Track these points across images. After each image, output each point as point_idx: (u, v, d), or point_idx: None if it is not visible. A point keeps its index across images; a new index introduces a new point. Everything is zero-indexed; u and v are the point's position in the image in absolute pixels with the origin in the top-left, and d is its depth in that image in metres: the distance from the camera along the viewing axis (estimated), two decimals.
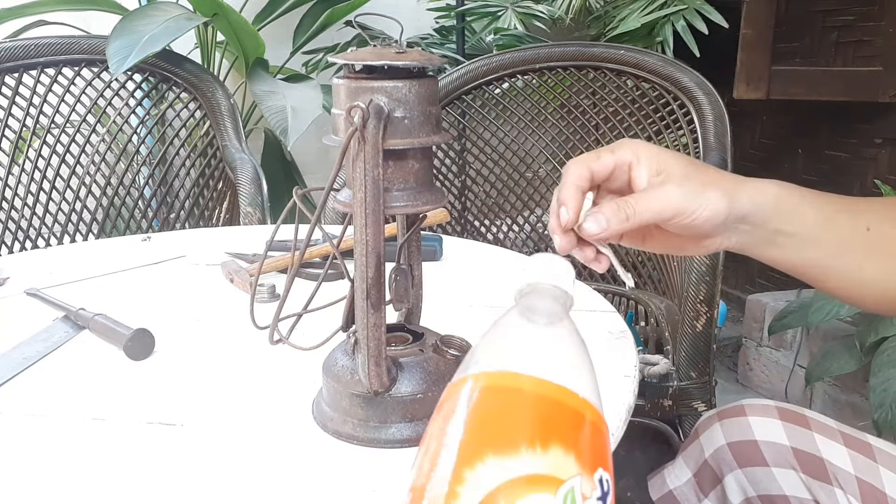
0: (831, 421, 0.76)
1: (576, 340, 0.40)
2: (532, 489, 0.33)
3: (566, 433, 0.35)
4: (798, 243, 0.56)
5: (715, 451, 0.78)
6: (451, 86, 1.54)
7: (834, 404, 1.92)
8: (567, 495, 0.33)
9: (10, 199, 1.41)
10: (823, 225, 0.56)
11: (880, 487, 0.69)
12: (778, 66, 2.07)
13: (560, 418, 0.36)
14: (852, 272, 0.58)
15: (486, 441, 0.35)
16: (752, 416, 0.77)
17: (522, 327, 0.41)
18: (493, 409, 0.36)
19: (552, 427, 0.35)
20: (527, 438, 0.34)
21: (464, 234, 1.62)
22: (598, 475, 0.35)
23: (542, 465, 0.33)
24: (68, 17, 1.90)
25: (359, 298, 0.52)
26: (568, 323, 0.41)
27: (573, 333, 0.40)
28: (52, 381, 0.64)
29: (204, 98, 1.49)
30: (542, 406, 0.36)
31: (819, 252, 0.57)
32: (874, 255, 0.57)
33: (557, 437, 0.35)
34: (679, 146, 1.38)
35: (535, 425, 0.35)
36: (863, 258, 0.57)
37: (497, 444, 0.34)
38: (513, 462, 0.33)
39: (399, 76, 0.50)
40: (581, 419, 0.36)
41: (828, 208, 0.56)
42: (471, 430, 0.35)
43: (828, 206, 0.57)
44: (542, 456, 0.34)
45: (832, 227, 0.56)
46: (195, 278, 0.92)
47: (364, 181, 0.49)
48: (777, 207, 0.54)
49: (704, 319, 1.16)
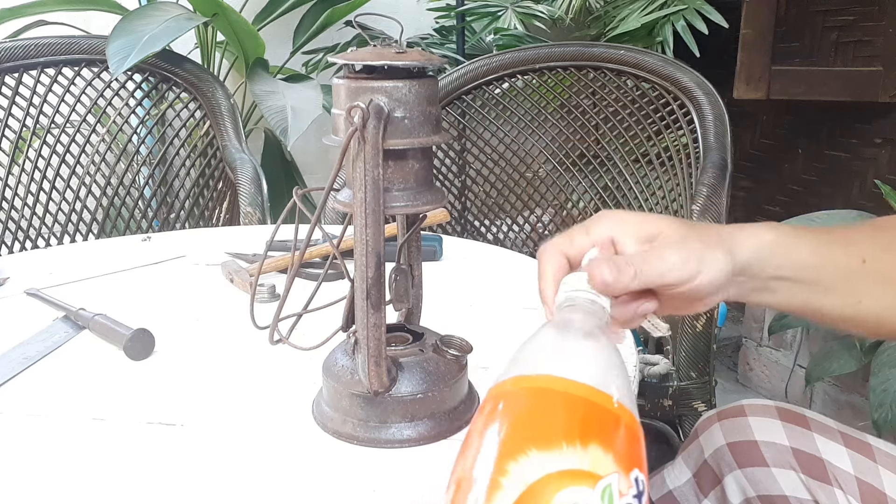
0: (831, 421, 0.76)
1: (611, 350, 0.42)
2: (572, 482, 0.35)
3: (604, 433, 0.37)
4: (793, 286, 0.55)
5: (715, 452, 0.78)
6: (451, 86, 1.54)
7: (834, 404, 1.92)
8: (605, 491, 0.35)
9: (10, 199, 1.41)
10: (819, 265, 0.55)
11: (880, 488, 0.69)
12: (778, 66, 2.07)
13: (597, 419, 0.37)
14: (849, 306, 0.57)
15: (529, 437, 0.36)
16: (752, 417, 0.77)
17: (559, 337, 0.42)
18: (534, 407, 0.38)
19: (591, 427, 0.37)
20: (567, 436, 0.36)
21: (464, 234, 1.62)
22: (634, 474, 0.36)
23: (582, 461, 0.35)
24: (68, 17, 1.90)
25: (359, 298, 0.52)
26: (603, 336, 0.43)
27: (608, 344, 0.42)
28: (52, 381, 0.64)
29: (204, 98, 1.49)
30: (581, 407, 0.37)
31: (815, 293, 0.56)
32: (871, 287, 0.56)
33: (596, 436, 0.36)
34: (679, 146, 1.38)
35: (575, 424, 0.37)
36: (860, 292, 0.56)
37: (539, 440, 0.36)
38: (554, 457, 0.35)
39: (399, 76, 0.50)
40: (617, 421, 0.38)
41: (823, 248, 0.55)
42: (513, 427, 0.37)
43: (823, 245, 0.55)
44: (581, 453, 0.35)
45: (828, 265, 0.55)
46: (195, 278, 0.92)
47: (364, 181, 0.49)
48: (773, 253, 0.53)
49: (704, 319, 1.16)
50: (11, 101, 1.41)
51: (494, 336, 0.69)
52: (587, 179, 1.51)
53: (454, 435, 0.55)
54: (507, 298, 0.82)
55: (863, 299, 0.56)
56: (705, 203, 1.20)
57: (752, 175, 2.52)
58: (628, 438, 0.38)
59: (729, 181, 1.24)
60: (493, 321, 0.76)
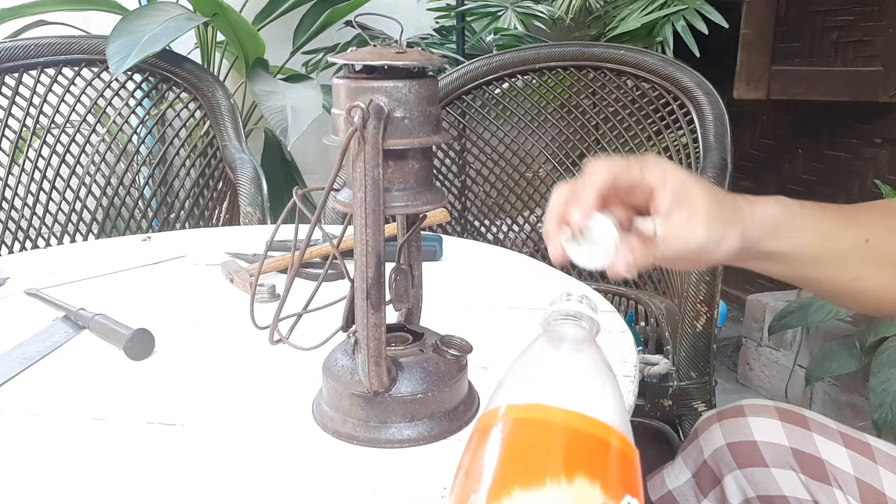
0: (831, 421, 0.76)
1: (602, 367, 0.41)
2: None
3: (592, 463, 0.36)
4: (794, 260, 0.56)
5: (714, 452, 0.78)
6: (451, 86, 1.54)
7: (834, 404, 1.92)
8: None
9: (10, 199, 1.41)
10: (822, 241, 0.56)
11: (879, 488, 0.69)
12: (778, 66, 2.07)
13: (586, 448, 0.37)
14: (848, 282, 0.59)
15: (514, 475, 0.36)
16: (752, 417, 0.77)
17: (549, 355, 0.42)
18: (520, 442, 0.38)
19: (578, 458, 0.36)
20: (552, 471, 0.36)
21: (464, 234, 1.62)
22: (626, 501, 0.36)
23: (566, 496, 0.35)
24: (68, 17, 1.90)
25: (359, 298, 0.52)
26: (594, 349, 0.42)
27: (599, 360, 0.42)
28: (52, 381, 0.64)
29: (204, 98, 1.49)
30: (568, 437, 0.37)
31: (814, 267, 0.57)
32: (872, 265, 0.57)
33: (583, 467, 0.36)
34: (679, 146, 1.38)
35: (561, 457, 0.36)
36: (860, 269, 0.57)
37: (523, 478, 0.36)
38: (538, 495, 0.35)
39: (399, 76, 0.50)
40: (606, 447, 0.37)
41: (827, 224, 0.56)
42: (500, 465, 0.37)
43: (827, 221, 0.57)
44: (566, 488, 0.35)
45: (831, 242, 0.56)
46: (195, 278, 0.92)
47: (364, 181, 0.49)
48: (779, 230, 0.54)
49: (704, 319, 1.16)
50: (11, 101, 1.41)
51: (494, 336, 0.69)
52: None
53: (454, 435, 0.55)
54: (507, 298, 0.82)
55: (861, 277, 0.58)
56: None
57: (752, 175, 2.52)
58: (620, 464, 0.37)
59: (729, 181, 1.24)
60: (493, 321, 0.76)
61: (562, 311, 0.44)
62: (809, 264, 0.57)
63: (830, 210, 0.58)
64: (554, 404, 0.38)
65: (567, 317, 0.44)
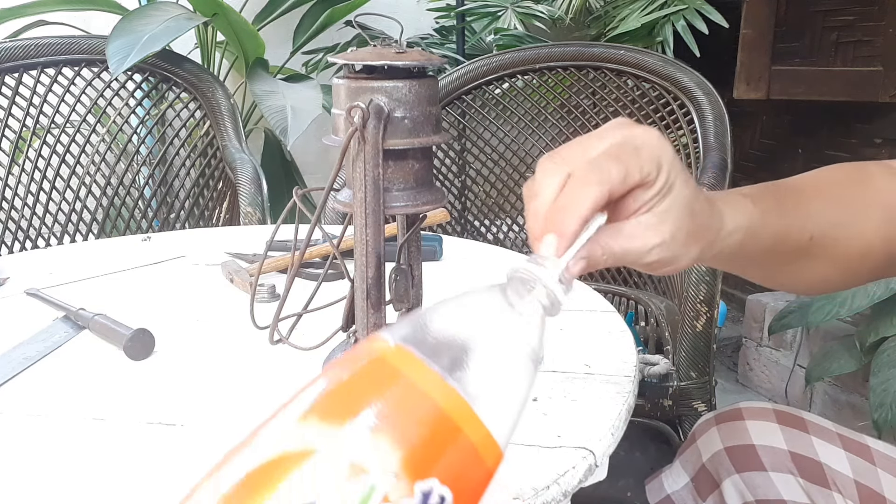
0: (829, 423, 0.75)
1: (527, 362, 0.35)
2: (325, 466, 0.30)
3: (411, 430, 0.31)
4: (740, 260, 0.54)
5: (713, 456, 0.78)
6: (451, 86, 1.54)
7: (834, 404, 1.92)
8: (361, 491, 0.29)
9: (10, 199, 1.41)
10: (772, 244, 0.54)
11: (879, 491, 0.69)
12: (778, 66, 2.07)
13: (416, 414, 0.31)
14: (785, 274, 0.59)
15: (322, 404, 0.32)
16: (750, 420, 0.76)
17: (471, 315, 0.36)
18: (365, 379, 0.33)
19: (398, 419, 0.31)
20: (357, 415, 0.31)
21: (464, 234, 1.62)
22: (425, 486, 0.30)
23: (352, 447, 0.30)
24: (68, 17, 1.90)
25: (359, 298, 0.52)
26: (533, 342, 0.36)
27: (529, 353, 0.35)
28: (52, 381, 0.64)
29: (204, 98, 1.49)
30: (410, 395, 0.32)
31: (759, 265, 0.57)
32: (811, 259, 0.57)
33: (394, 425, 0.31)
34: (679, 146, 1.37)
35: (381, 405, 0.31)
36: (799, 262, 0.57)
37: (327, 411, 0.31)
38: (325, 432, 0.31)
39: (399, 76, 0.50)
40: (454, 432, 0.32)
41: (779, 224, 0.54)
42: (329, 384, 0.33)
43: (781, 220, 0.54)
44: (360, 439, 0.30)
45: (779, 244, 0.54)
46: (195, 278, 0.92)
47: (364, 181, 0.49)
48: (739, 240, 0.51)
49: (704, 319, 1.16)
50: (11, 101, 1.41)
51: None
52: None
53: None
54: None
55: (799, 270, 0.58)
56: None
57: (752, 175, 2.52)
58: (457, 453, 0.32)
59: (729, 181, 1.24)
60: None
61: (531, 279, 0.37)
62: (754, 263, 0.56)
63: (782, 203, 0.55)
64: (422, 358, 0.32)
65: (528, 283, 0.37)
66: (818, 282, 0.60)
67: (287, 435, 0.32)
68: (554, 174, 0.41)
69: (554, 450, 0.51)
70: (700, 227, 0.46)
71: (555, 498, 0.47)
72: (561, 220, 0.39)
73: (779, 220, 0.53)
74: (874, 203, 0.59)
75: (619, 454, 0.54)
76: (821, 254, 0.56)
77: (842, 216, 0.57)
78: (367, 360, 0.33)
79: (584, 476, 0.49)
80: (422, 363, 0.32)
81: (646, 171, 0.42)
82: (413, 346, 0.33)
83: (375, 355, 0.33)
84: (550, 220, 0.40)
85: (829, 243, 0.56)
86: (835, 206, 0.58)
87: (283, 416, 0.33)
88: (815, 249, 0.56)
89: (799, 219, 0.55)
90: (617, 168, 0.40)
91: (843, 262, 0.58)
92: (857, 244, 0.57)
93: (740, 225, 0.49)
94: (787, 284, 0.62)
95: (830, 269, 0.58)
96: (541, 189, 0.41)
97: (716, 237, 0.48)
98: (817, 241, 0.55)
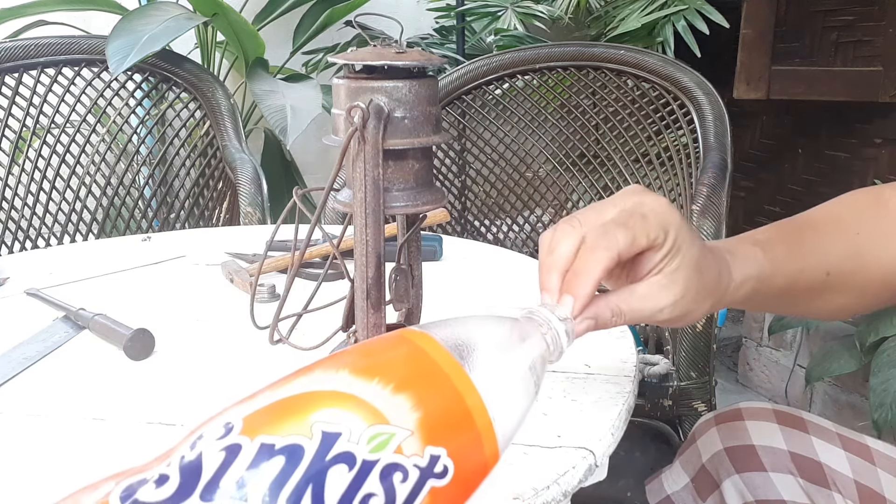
0: (829, 423, 0.75)
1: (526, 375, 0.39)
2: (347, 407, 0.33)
3: (429, 398, 0.34)
4: (757, 302, 0.57)
5: (712, 456, 0.78)
6: (451, 86, 1.54)
7: (834, 404, 1.92)
8: (379, 436, 0.32)
9: (10, 199, 1.41)
10: (787, 285, 0.56)
11: (879, 491, 0.69)
12: (778, 66, 2.07)
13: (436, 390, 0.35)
14: (807, 309, 0.61)
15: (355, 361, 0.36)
16: (749, 421, 0.76)
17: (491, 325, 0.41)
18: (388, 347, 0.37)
19: (420, 384, 0.35)
20: (386, 376, 0.34)
21: (464, 234, 1.62)
22: (436, 451, 0.33)
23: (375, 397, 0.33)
24: (68, 17, 1.90)
25: (359, 298, 0.52)
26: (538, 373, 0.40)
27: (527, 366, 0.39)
28: (52, 381, 0.64)
29: (204, 98, 1.49)
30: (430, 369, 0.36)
31: (776, 304, 0.60)
32: (831, 293, 0.58)
33: (415, 390, 0.34)
34: (679, 146, 1.38)
35: (405, 374, 0.35)
36: (820, 298, 0.59)
37: (358, 368, 0.35)
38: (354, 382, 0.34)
39: (399, 76, 0.50)
40: (465, 413, 0.35)
41: (793, 266, 0.56)
42: (359, 350, 0.38)
43: (793, 262, 0.56)
44: (383, 393, 0.34)
45: (795, 284, 0.56)
46: (195, 278, 0.92)
47: (364, 181, 0.49)
48: (752, 289, 0.53)
49: (704, 319, 1.16)
50: (11, 101, 1.41)
51: None
52: (587, 179, 1.51)
53: None
54: (507, 298, 0.82)
55: (821, 305, 0.60)
56: (705, 203, 1.20)
57: (752, 175, 2.52)
58: (463, 429, 0.35)
59: (729, 181, 1.24)
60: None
61: (547, 318, 0.42)
62: (770, 303, 0.59)
63: (796, 245, 0.57)
64: (446, 346, 0.37)
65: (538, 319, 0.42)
66: (838, 310, 0.61)
67: (318, 380, 0.35)
68: (570, 235, 0.46)
69: (554, 450, 0.51)
70: (709, 284, 0.50)
71: (555, 498, 0.47)
72: (577, 284, 0.45)
73: (792, 264, 0.55)
74: (891, 229, 0.59)
75: (619, 454, 0.54)
76: (840, 286, 0.58)
77: (859, 246, 0.59)
78: (396, 339, 0.38)
79: (584, 476, 0.49)
80: (444, 350, 0.36)
81: (653, 236, 0.46)
82: (438, 337, 0.37)
83: (402, 336, 0.38)
84: (568, 283, 0.45)
85: (848, 275, 0.58)
86: (851, 237, 0.59)
87: (314, 367, 0.36)
88: (833, 284, 0.57)
89: (814, 257, 0.57)
90: (624, 235, 0.45)
91: (864, 291, 0.60)
92: (878, 272, 0.59)
93: (749, 276, 0.52)
94: (808, 315, 0.64)
95: (852, 299, 0.60)
96: (557, 247, 0.46)
97: (725, 291, 0.51)
98: (834, 275, 0.57)
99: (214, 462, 0.31)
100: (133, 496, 0.30)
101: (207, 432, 0.33)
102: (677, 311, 0.48)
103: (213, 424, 0.33)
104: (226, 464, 0.31)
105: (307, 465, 0.31)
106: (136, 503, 0.30)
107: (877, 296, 0.61)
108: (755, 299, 0.55)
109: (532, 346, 0.40)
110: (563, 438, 0.52)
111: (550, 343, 0.42)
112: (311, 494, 0.30)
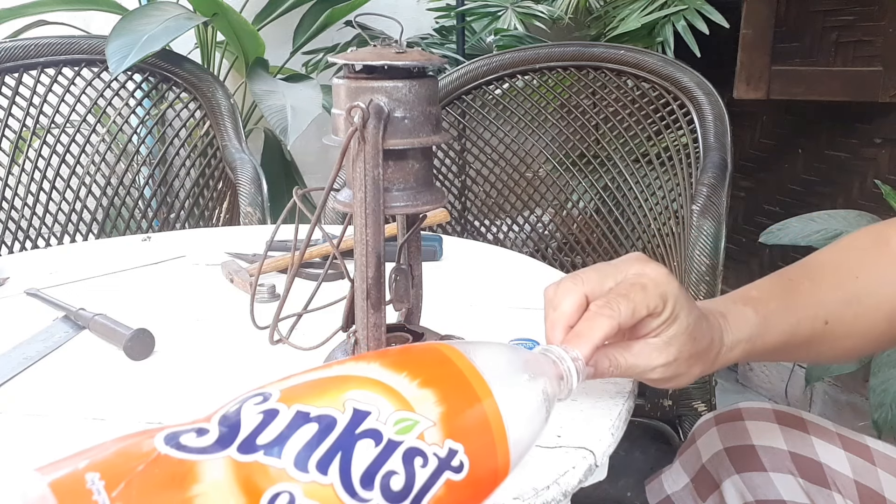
0: (829, 423, 0.75)
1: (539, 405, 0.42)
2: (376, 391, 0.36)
3: (452, 397, 0.37)
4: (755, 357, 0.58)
5: (712, 457, 0.78)
6: (451, 86, 1.54)
7: (834, 404, 1.92)
8: (406, 420, 0.35)
9: (10, 199, 1.41)
10: (785, 338, 0.57)
11: (879, 491, 0.69)
12: (778, 66, 2.06)
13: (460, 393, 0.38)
14: (817, 354, 0.62)
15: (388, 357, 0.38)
16: (749, 421, 0.76)
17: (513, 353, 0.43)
18: (419, 351, 0.40)
19: (444, 384, 0.37)
20: (413, 370, 0.37)
21: (464, 234, 1.62)
22: (454, 445, 0.36)
23: (403, 387, 0.36)
24: (68, 17, 1.90)
25: (359, 298, 0.52)
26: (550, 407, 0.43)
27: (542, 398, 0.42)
28: (52, 381, 0.64)
29: (204, 98, 1.49)
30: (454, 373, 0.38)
31: (776, 356, 0.60)
32: (837, 340, 0.59)
33: (439, 388, 0.37)
34: (679, 146, 1.38)
35: (432, 372, 0.38)
36: (821, 347, 0.59)
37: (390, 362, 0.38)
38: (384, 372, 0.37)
39: (399, 76, 0.50)
40: (483, 417, 0.38)
41: (790, 319, 0.57)
42: (390, 350, 0.41)
43: (790, 315, 0.57)
44: (410, 385, 0.36)
45: (793, 337, 0.57)
46: (195, 278, 0.92)
47: (364, 181, 0.49)
48: (746, 350, 0.55)
49: None
50: (11, 101, 1.41)
51: (494, 336, 0.68)
52: (587, 179, 1.51)
53: None
54: (507, 298, 0.82)
55: (823, 352, 0.61)
56: (705, 203, 1.20)
57: (752, 175, 2.52)
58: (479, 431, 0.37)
59: (729, 181, 1.24)
60: (493, 321, 0.76)
61: (560, 357, 0.45)
62: (767, 357, 0.59)
63: (790, 298, 0.58)
64: (470, 358, 0.39)
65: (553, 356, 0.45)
66: (844, 354, 0.62)
67: (351, 367, 0.38)
68: (572, 292, 0.49)
69: (554, 450, 0.51)
70: (701, 350, 0.52)
71: (555, 498, 0.47)
72: (578, 344, 0.47)
73: (786, 319, 0.57)
74: (891, 269, 0.60)
75: (619, 454, 0.54)
76: (842, 333, 0.58)
77: (859, 291, 0.59)
78: (425, 346, 0.41)
79: (584, 476, 0.49)
80: (469, 361, 0.39)
81: (652, 306, 0.49)
82: (464, 350, 0.40)
83: (431, 345, 0.41)
84: (569, 341, 0.48)
85: (849, 321, 0.59)
86: (850, 282, 0.60)
87: (346, 361, 0.39)
88: (833, 331, 0.58)
89: (811, 308, 0.58)
90: (626, 305, 0.48)
91: (868, 334, 0.60)
92: (883, 311, 0.59)
93: (740, 339, 0.55)
94: (816, 361, 0.65)
95: (857, 342, 0.60)
96: (560, 303, 0.49)
97: (717, 356, 0.54)
98: (834, 323, 0.58)
99: (253, 422, 0.33)
100: (177, 439, 0.33)
101: (247, 398, 0.35)
102: (668, 372, 0.51)
103: (251, 394, 0.36)
104: (263, 424, 0.33)
105: (338, 435, 0.33)
106: (178, 445, 0.32)
107: (885, 334, 0.61)
108: (750, 357, 0.57)
109: (547, 374, 0.43)
110: (563, 438, 0.52)
111: (564, 374, 0.45)
112: (339, 461, 0.33)
